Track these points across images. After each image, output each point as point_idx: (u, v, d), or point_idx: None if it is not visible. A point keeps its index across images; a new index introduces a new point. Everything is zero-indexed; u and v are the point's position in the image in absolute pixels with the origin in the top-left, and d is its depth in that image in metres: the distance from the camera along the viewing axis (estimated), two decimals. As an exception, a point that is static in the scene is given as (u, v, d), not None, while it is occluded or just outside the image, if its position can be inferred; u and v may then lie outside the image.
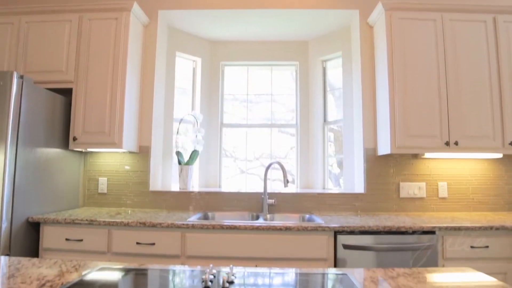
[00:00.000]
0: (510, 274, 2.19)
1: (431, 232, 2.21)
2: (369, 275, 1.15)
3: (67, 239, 2.30)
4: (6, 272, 1.13)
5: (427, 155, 2.74)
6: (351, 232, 2.21)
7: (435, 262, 2.18)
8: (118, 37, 2.72)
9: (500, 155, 2.69)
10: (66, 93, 2.83)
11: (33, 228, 2.36)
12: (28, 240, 2.31)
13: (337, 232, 2.21)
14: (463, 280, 1.11)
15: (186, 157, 3.17)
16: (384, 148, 2.70)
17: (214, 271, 1.14)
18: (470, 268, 1.26)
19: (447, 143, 2.54)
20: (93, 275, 1.11)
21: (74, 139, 2.67)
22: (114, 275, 1.11)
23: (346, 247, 2.18)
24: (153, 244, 2.24)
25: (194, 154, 3.09)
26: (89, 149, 2.76)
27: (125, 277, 1.10)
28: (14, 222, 2.19)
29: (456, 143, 2.53)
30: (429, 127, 2.55)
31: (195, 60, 3.54)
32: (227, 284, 1.04)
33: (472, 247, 2.20)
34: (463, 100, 2.57)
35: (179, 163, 3.07)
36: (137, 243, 2.25)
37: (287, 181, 2.51)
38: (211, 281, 1.06)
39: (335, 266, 2.21)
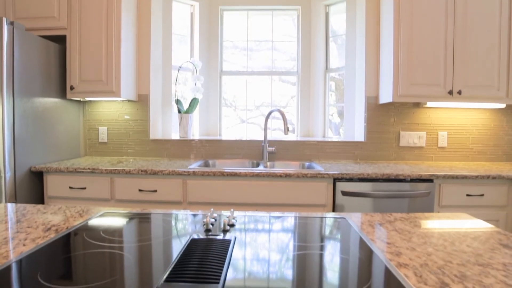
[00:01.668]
0: (502, 221, 2.26)
1: (428, 180, 2.24)
2: (367, 219, 1.18)
3: (70, 187, 2.34)
4: (13, 218, 1.15)
5: (429, 104, 2.72)
6: (350, 179, 2.24)
7: (431, 209, 2.24)
8: (111, -21, 2.58)
9: (503, 105, 2.66)
10: (60, 40, 2.74)
11: (37, 178, 2.39)
12: (33, 189, 2.36)
13: (336, 179, 2.24)
14: (459, 225, 1.13)
15: (185, 106, 3.14)
16: (386, 96, 2.66)
17: (215, 214, 1.17)
18: (466, 214, 1.28)
19: (450, 92, 2.50)
20: (97, 220, 1.14)
21: (72, 88, 2.62)
22: (117, 220, 1.14)
23: (344, 193, 2.22)
24: (155, 191, 2.29)
25: (193, 102, 3.06)
26: (87, 98, 2.72)
27: (129, 221, 1.12)
28: (18, 171, 2.22)
29: (459, 92, 2.49)
30: (432, 75, 2.50)
31: (193, 5, 3.39)
32: (228, 227, 1.06)
33: (468, 195, 2.25)
34: (469, 49, 2.49)
35: (179, 111, 3.05)
36: (139, 190, 2.29)
37: (287, 129, 2.51)
38: (212, 224, 1.09)
39: (333, 211, 2.27)
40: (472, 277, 0.74)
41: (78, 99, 2.78)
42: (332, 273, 0.76)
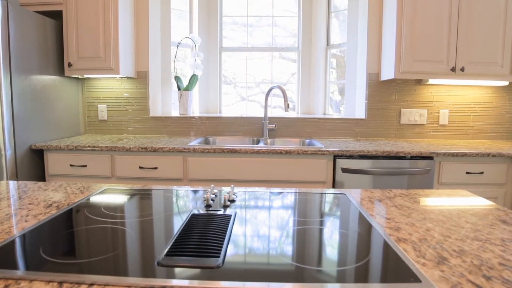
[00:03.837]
0: (501, 198, 2.27)
1: (428, 157, 2.25)
2: (367, 195, 1.19)
3: (71, 165, 2.35)
4: (14, 194, 1.16)
5: (431, 81, 2.68)
6: (350, 156, 2.24)
7: (430, 186, 2.25)
8: (107, -49, 2.50)
9: (506, 83, 2.63)
10: (56, 16, 2.69)
11: (37, 156, 2.39)
12: (34, 167, 2.36)
13: (336, 156, 2.25)
14: (458, 201, 1.14)
15: (185, 83, 3.11)
16: (387, 73, 2.63)
17: (215, 190, 1.17)
18: (466, 191, 1.29)
19: (453, 69, 2.47)
20: (98, 196, 1.14)
21: (69, 65, 2.59)
22: (118, 196, 1.14)
23: (344, 170, 2.23)
24: (156, 168, 2.29)
25: (193, 78, 3.02)
26: (86, 76, 2.69)
27: (130, 197, 1.13)
28: (18, 150, 2.22)
29: (462, 69, 2.46)
30: (435, 51, 2.46)
31: (191, -21, 3.31)
32: (228, 203, 1.07)
33: (467, 172, 2.25)
34: (474, 25, 2.43)
35: (179, 88, 3.03)
36: (140, 167, 2.30)
37: (288, 106, 2.48)
38: (212, 200, 1.09)
39: (333, 188, 2.28)
40: (470, 251, 0.75)
41: (76, 76, 2.75)
42: (331, 248, 0.77)
